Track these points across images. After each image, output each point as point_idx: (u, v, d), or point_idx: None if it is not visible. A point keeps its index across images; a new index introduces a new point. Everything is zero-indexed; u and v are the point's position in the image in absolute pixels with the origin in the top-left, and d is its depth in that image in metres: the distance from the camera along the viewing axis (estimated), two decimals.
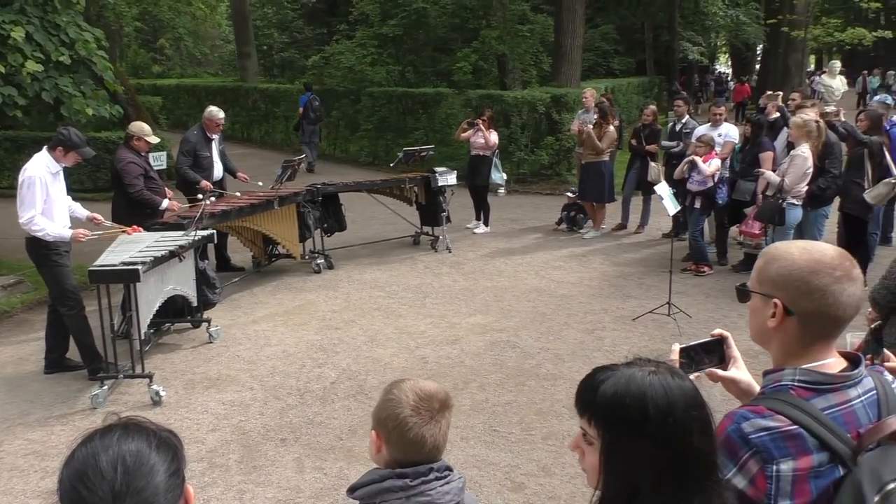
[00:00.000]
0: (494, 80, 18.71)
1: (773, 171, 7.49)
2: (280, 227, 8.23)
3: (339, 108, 18.09)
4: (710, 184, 8.22)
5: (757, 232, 7.95)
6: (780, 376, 1.65)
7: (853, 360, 1.67)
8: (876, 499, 1.46)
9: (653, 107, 10.36)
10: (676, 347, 1.82)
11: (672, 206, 7.20)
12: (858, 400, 1.61)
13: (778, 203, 7.05)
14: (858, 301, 1.62)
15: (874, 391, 1.64)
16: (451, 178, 9.44)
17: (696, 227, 8.45)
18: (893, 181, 7.06)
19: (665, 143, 9.92)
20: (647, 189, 9.80)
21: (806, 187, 7.14)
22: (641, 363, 1.44)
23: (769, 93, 10.31)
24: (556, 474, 4.36)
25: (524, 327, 6.78)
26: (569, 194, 10.90)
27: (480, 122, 10.26)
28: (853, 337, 4.22)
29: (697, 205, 8.37)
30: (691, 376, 1.83)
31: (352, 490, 1.90)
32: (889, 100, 8.89)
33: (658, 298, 7.21)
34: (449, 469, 1.93)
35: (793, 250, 1.67)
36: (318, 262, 8.69)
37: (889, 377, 1.73)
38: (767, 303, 1.67)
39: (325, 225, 8.96)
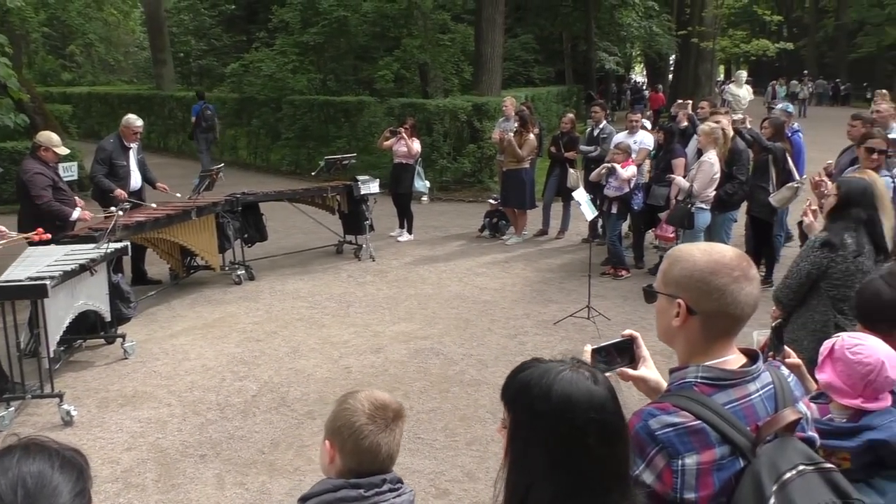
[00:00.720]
0: (417, 88, 18.78)
1: (684, 176, 7.77)
2: (198, 239, 8.03)
3: (260, 116, 17.81)
4: (627, 189, 8.46)
5: (671, 235, 8.22)
6: (684, 374, 1.71)
7: (752, 356, 1.75)
8: (774, 488, 1.53)
9: (571, 115, 10.59)
10: (588, 348, 1.87)
11: (589, 212, 7.37)
12: (757, 394, 1.69)
13: (687, 208, 7.31)
14: (755, 300, 1.70)
15: (771, 385, 1.72)
16: (373, 187, 9.42)
17: (614, 232, 8.68)
18: (796, 185, 7.42)
19: (583, 147, 10.15)
20: (566, 195, 10.00)
21: (714, 192, 7.43)
22: (570, 362, 1.47)
23: (680, 101, 10.70)
24: (480, 479, 4.39)
25: (448, 334, 6.81)
26: (491, 201, 11.02)
27: (403, 130, 10.27)
28: (759, 334, 4.42)
29: (614, 210, 8.61)
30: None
31: (304, 500, 1.88)
32: (790, 108, 9.32)
33: (578, 302, 7.36)
34: (401, 481, 1.94)
35: (695, 252, 1.74)
36: (239, 273, 8.51)
37: (786, 372, 1.82)
38: (672, 303, 1.74)
39: (246, 235, 8.79)
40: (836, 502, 1.56)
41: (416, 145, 10.34)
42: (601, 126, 9.98)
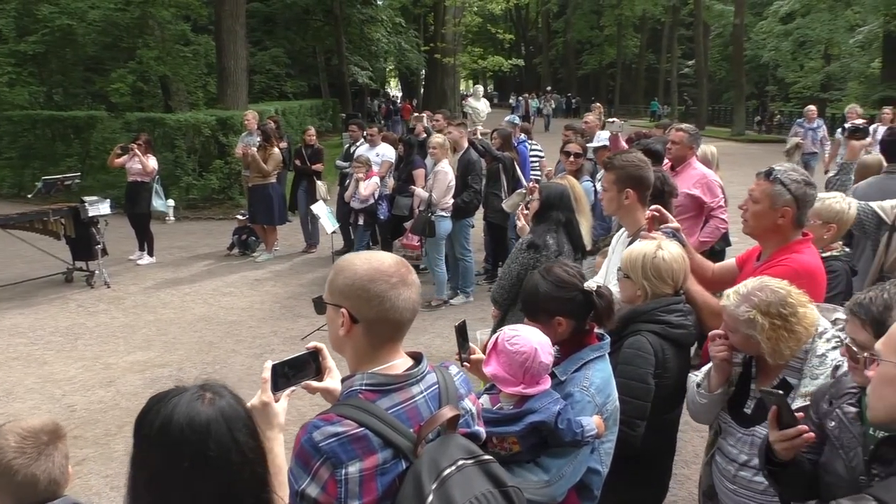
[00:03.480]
0: (160, 102, 17.77)
1: (424, 187, 8.06)
2: None
3: None
4: (371, 201, 8.61)
5: (416, 244, 8.50)
6: (350, 382, 1.74)
7: (417, 358, 1.82)
8: (434, 486, 1.59)
9: (312, 128, 10.60)
10: (269, 365, 1.83)
11: (330, 225, 7.40)
12: (421, 395, 1.75)
13: (428, 216, 7.59)
14: (414, 304, 1.77)
15: (436, 385, 1.80)
16: (103, 208, 8.71)
17: (361, 243, 8.79)
18: (524, 191, 7.97)
19: (339, 163, 10.18)
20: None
21: (452, 200, 7.78)
22: (197, 388, 1.45)
23: (416, 114, 11.12)
24: None
25: (189, 359, 6.47)
26: (239, 217, 10.69)
27: (135, 146, 9.63)
28: (482, 333, 4.66)
29: (361, 222, 8.73)
30: (287, 391, 1.87)
31: None
32: (517, 119, 10.05)
33: None
34: None
35: (356, 261, 1.77)
36: None
37: (454, 370, 1.91)
38: (338, 312, 1.75)
39: None
40: (493, 491, 1.65)
41: (152, 162, 9.75)
42: (358, 144, 10.03)
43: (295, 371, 1.91)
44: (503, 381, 2.30)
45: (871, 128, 9.64)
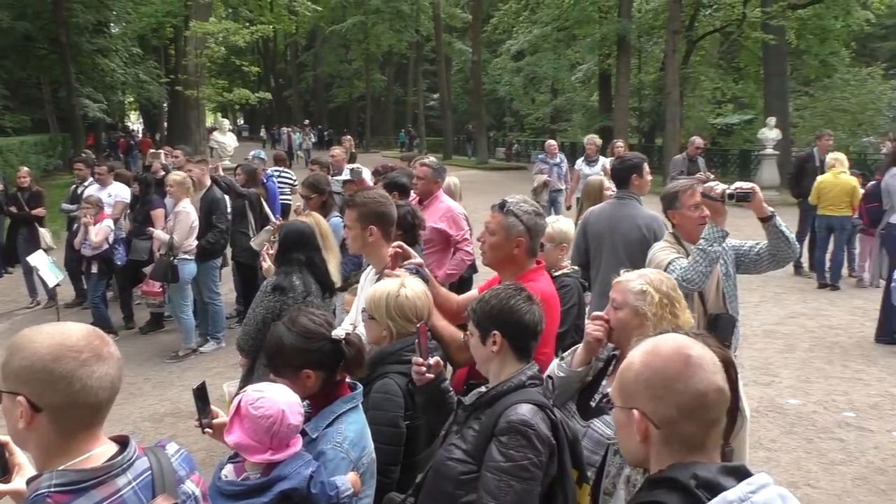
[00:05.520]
0: None
1: (164, 228, 7.48)
2: None
3: None
4: (106, 247, 7.84)
5: (158, 290, 7.85)
6: (37, 484, 1.43)
7: (124, 442, 1.55)
8: None
9: (25, 169, 9.46)
10: None
11: (52, 277, 6.59)
12: (129, 487, 1.49)
13: (170, 260, 7.04)
14: (112, 380, 1.50)
15: (149, 472, 1.54)
16: None
17: (96, 293, 7.97)
18: (272, 228, 7.70)
19: (64, 206, 9.18)
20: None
21: (196, 242, 7.29)
22: None
23: (153, 151, 10.38)
24: None
25: None
26: None
27: None
28: (229, 386, 4.36)
29: (95, 269, 7.91)
30: None
31: None
32: (262, 154, 9.72)
33: None
34: None
35: (36, 337, 1.47)
36: None
37: (171, 450, 1.66)
38: (14, 401, 1.44)
39: None
40: None
41: None
42: (86, 183, 9.07)
43: None
44: (248, 449, 2.08)
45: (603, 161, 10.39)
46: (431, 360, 2.54)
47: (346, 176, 6.93)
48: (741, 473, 1.40)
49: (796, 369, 6.66)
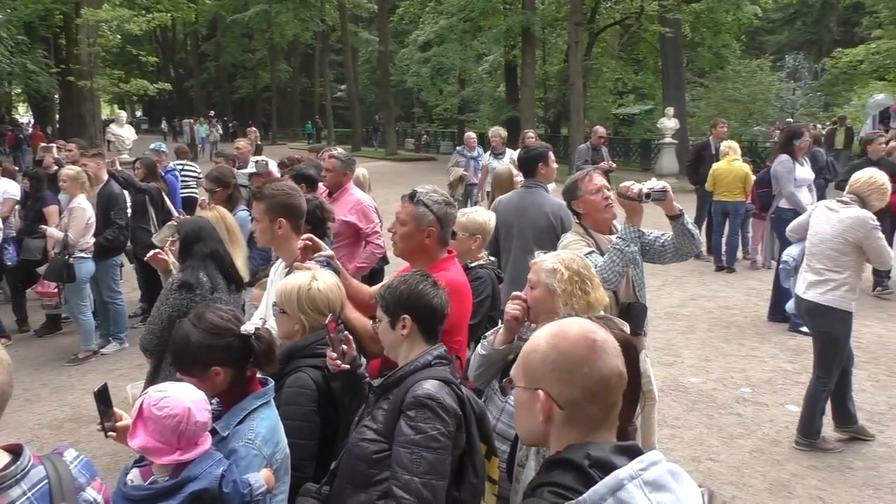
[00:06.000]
0: None
1: (58, 226, 7.12)
2: None
3: None
4: None
5: (54, 291, 7.48)
6: None
7: (17, 452, 1.47)
8: None
9: None
10: None
11: None
12: (24, 497, 1.42)
13: (65, 259, 6.71)
14: (2, 387, 1.42)
15: (45, 481, 1.47)
16: None
17: None
18: (174, 223, 7.44)
19: None
20: None
21: (93, 239, 6.97)
22: None
23: (44, 145, 9.85)
24: None
25: None
26: None
27: None
28: (133, 388, 4.18)
29: None
30: None
31: None
32: (163, 147, 9.36)
33: None
34: None
35: None
36: None
37: (70, 457, 1.58)
38: None
39: None
40: None
41: None
42: None
43: None
44: (155, 451, 2.00)
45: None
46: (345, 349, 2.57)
47: (251, 169, 6.79)
48: (633, 452, 1.44)
49: (697, 349, 6.96)
